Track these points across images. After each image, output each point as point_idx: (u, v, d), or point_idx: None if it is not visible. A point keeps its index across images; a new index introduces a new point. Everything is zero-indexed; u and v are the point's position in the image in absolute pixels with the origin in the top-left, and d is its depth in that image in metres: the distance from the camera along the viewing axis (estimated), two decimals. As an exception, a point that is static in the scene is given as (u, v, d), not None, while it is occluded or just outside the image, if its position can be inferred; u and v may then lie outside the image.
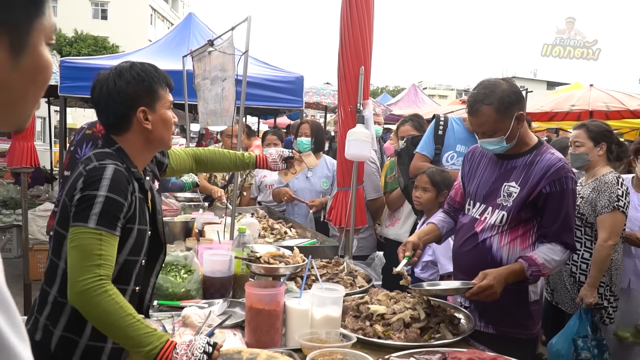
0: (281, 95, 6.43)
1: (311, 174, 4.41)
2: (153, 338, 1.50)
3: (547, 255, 2.17)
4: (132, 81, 1.69)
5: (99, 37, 31.91)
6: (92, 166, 1.63)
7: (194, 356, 1.48)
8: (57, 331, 1.64)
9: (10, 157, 5.45)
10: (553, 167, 2.19)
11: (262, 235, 3.54)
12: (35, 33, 0.72)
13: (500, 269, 2.15)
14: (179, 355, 1.49)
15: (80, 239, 1.54)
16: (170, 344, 1.52)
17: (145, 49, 7.40)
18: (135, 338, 1.50)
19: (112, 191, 1.58)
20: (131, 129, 1.72)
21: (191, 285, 2.28)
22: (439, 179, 3.19)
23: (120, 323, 1.50)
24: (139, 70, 1.72)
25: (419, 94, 16.48)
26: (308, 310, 1.91)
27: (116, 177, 1.61)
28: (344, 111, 3.36)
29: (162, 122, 1.76)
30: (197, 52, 4.39)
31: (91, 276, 1.50)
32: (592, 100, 7.93)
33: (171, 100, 1.81)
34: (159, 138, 1.77)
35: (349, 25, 3.22)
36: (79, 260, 1.53)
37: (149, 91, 1.72)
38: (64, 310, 1.64)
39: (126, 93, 1.68)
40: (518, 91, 2.25)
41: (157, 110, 1.74)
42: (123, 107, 1.69)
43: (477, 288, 2.07)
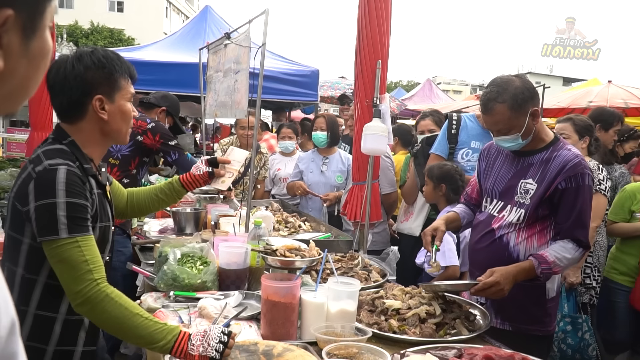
0: (296, 89, 6.44)
1: (326, 167, 4.40)
2: (165, 333, 1.50)
3: (559, 253, 2.16)
4: (91, 66, 1.59)
5: (115, 30, 32.16)
6: (42, 168, 1.51)
7: (210, 346, 1.48)
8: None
9: (29, 147, 5.51)
10: (570, 163, 2.18)
11: (277, 229, 3.55)
12: (47, 15, 0.66)
13: (509, 267, 2.13)
14: (195, 346, 1.49)
15: (60, 253, 1.47)
16: (184, 335, 1.51)
17: (161, 41, 7.45)
18: (147, 336, 1.49)
19: (70, 195, 1.50)
20: (85, 118, 1.63)
21: (207, 277, 2.29)
22: (437, 173, 3.26)
23: (129, 324, 1.48)
24: (100, 56, 1.62)
25: (434, 89, 16.40)
26: (324, 304, 1.91)
27: (70, 179, 1.51)
28: (360, 105, 3.35)
29: (120, 114, 1.67)
30: (214, 45, 4.40)
31: (87, 284, 1.47)
32: (610, 96, 7.84)
33: (132, 92, 1.72)
34: (115, 130, 1.68)
35: (367, 19, 3.20)
36: (69, 273, 1.48)
37: (109, 79, 1.62)
38: (26, 318, 1.56)
39: (83, 78, 1.58)
40: (531, 87, 2.23)
41: (116, 100, 1.65)
42: (78, 92, 1.59)
43: (482, 284, 2.08)
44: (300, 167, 4.51)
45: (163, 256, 2.40)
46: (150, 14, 38.33)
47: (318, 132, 4.38)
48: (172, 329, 1.52)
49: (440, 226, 2.38)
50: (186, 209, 3.58)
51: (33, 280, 1.57)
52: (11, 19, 0.61)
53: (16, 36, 0.63)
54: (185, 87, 6.04)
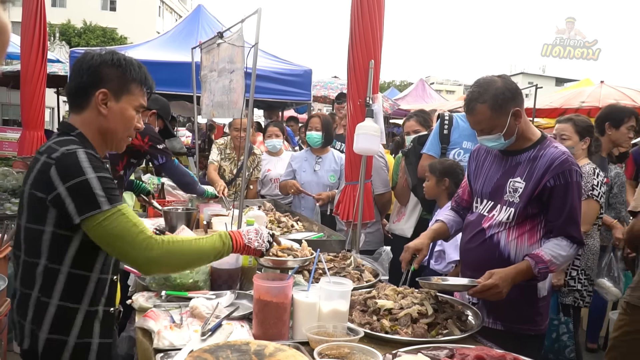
0: (289, 89, 6.42)
1: (319, 167, 4.40)
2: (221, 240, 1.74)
3: (554, 251, 2.16)
4: (108, 62, 1.66)
5: (108, 29, 32.00)
6: (59, 154, 1.54)
7: (264, 242, 1.85)
8: (42, 334, 1.58)
9: (21, 146, 5.48)
10: (557, 160, 2.19)
11: (269, 228, 3.55)
12: None
13: (508, 269, 2.14)
14: (252, 241, 1.81)
15: (109, 225, 1.51)
16: (233, 233, 1.79)
17: (154, 40, 7.42)
18: (211, 250, 1.71)
19: (97, 170, 1.54)
20: (87, 108, 1.67)
21: (199, 277, 2.28)
22: (439, 167, 3.25)
23: (194, 251, 1.66)
24: (121, 58, 1.69)
25: (427, 89, 16.44)
26: (316, 304, 1.91)
27: (89, 157, 1.55)
28: (353, 105, 3.35)
29: (121, 116, 1.69)
30: (206, 44, 4.39)
31: (145, 245, 1.54)
32: (602, 96, 7.89)
33: (142, 104, 1.75)
34: (112, 130, 1.70)
35: (360, 19, 3.20)
36: (126, 240, 1.52)
37: (120, 79, 1.67)
38: (48, 310, 1.58)
39: (96, 70, 1.65)
40: (513, 88, 2.24)
41: (122, 102, 1.69)
42: (87, 81, 1.65)
43: (481, 287, 2.08)
44: (293, 166, 4.50)
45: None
46: (143, 13, 38.16)
47: (313, 132, 4.37)
48: (224, 235, 1.76)
49: (424, 248, 2.36)
50: (178, 209, 3.57)
51: (56, 270, 1.57)
52: None
53: None
54: (178, 87, 6.01)
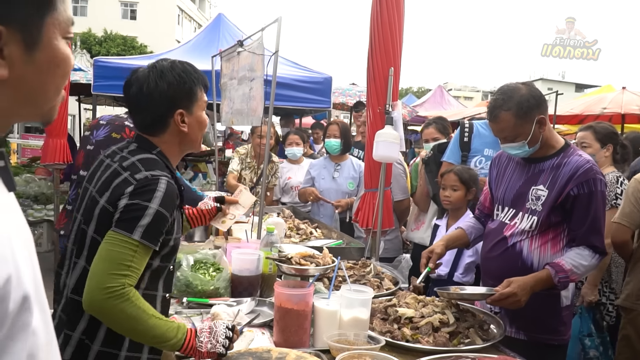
0: (309, 96, 6.44)
1: (338, 174, 4.41)
2: (175, 331, 1.53)
3: (575, 260, 2.14)
4: (173, 82, 1.66)
5: (128, 37, 32.50)
6: (143, 176, 1.57)
7: (218, 342, 1.54)
8: (94, 346, 1.57)
9: (44, 153, 5.58)
10: (581, 168, 2.16)
11: (288, 235, 3.56)
12: (48, 28, 0.73)
13: (527, 277, 2.12)
14: (203, 343, 1.54)
15: (116, 246, 1.50)
16: (191, 332, 1.56)
17: (175, 49, 7.52)
18: (160, 336, 1.51)
19: (163, 206, 1.55)
20: (167, 131, 1.70)
21: (220, 283, 2.30)
22: (467, 177, 3.18)
23: (145, 325, 1.50)
24: (181, 72, 1.69)
25: (445, 95, 16.35)
26: (336, 312, 1.91)
27: (169, 192, 1.57)
28: (372, 112, 3.35)
29: (198, 124, 1.74)
30: (227, 52, 4.43)
31: (117, 285, 1.47)
32: (624, 103, 7.77)
33: (206, 100, 1.79)
34: (192, 140, 1.76)
35: (379, 26, 3.21)
36: (108, 267, 1.48)
37: (189, 93, 1.70)
38: (102, 325, 1.57)
39: (167, 95, 1.66)
40: (538, 95, 2.23)
41: (194, 112, 1.72)
42: (162, 108, 1.67)
43: (498, 295, 2.07)
44: (312, 174, 4.51)
45: (176, 262, 2.40)
46: (162, 22, 38.68)
47: (332, 139, 4.38)
48: (181, 327, 1.56)
49: (437, 248, 2.38)
50: None
51: None
52: (4, 34, 0.68)
53: (17, 48, 0.71)
54: (198, 94, 6.05)
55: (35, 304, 0.66)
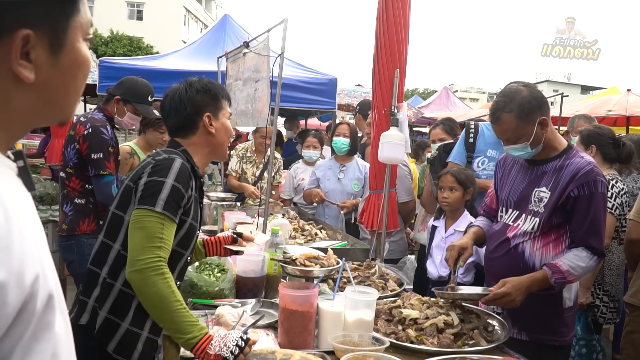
0: (314, 97, 6.45)
1: (343, 175, 4.41)
2: (195, 328, 1.60)
3: (572, 262, 2.14)
4: (200, 90, 1.90)
5: (134, 38, 32.59)
6: (162, 157, 1.78)
7: (226, 347, 1.58)
8: (102, 312, 1.71)
9: (50, 153, 5.61)
10: (582, 170, 2.17)
11: (293, 236, 3.56)
12: (72, 30, 0.74)
13: (522, 278, 2.13)
14: (213, 346, 1.59)
15: (145, 221, 1.65)
16: (209, 337, 1.61)
17: (181, 50, 7.54)
18: (180, 324, 1.60)
19: (178, 180, 1.72)
20: (197, 133, 1.90)
21: (225, 285, 2.30)
22: (464, 177, 3.18)
23: (170, 307, 1.60)
24: (207, 82, 1.94)
25: (451, 96, 16.34)
26: (341, 313, 1.91)
27: (182, 169, 1.75)
28: (378, 114, 3.36)
29: (224, 130, 1.95)
30: (232, 53, 4.45)
31: (152, 256, 1.61)
32: (629, 105, 7.75)
33: (230, 112, 1.99)
34: (219, 144, 1.95)
35: (385, 28, 3.21)
36: (142, 241, 1.63)
37: (215, 100, 1.92)
38: (112, 292, 1.72)
39: (195, 100, 1.89)
40: (539, 97, 2.23)
41: (220, 118, 1.94)
42: (191, 111, 1.88)
43: (492, 295, 2.09)
44: (317, 175, 4.52)
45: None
46: (168, 22, 38.80)
47: (341, 138, 4.37)
48: (202, 328, 1.63)
49: (469, 247, 2.39)
50: None
51: (125, 257, 1.69)
52: (32, 37, 0.69)
53: (43, 51, 0.71)
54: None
55: (57, 303, 0.68)
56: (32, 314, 0.63)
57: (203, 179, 2.09)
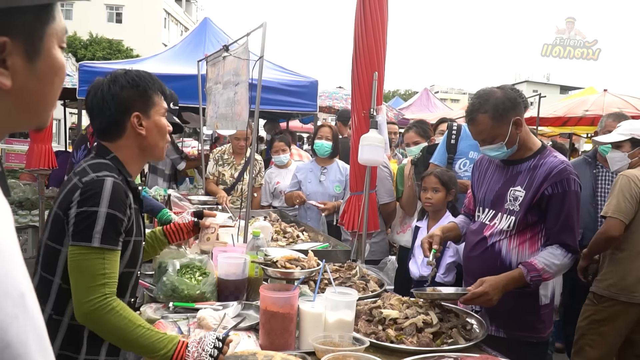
0: (295, 100, 6.46)
1: (324, 177, 4.43)
2: (165, 342, 1.56)
3: (547, 259, 2.20)
4: (126, 85, 1.68)
5: (114, 41, 32.27)
6: (89, 179, 1.58)
7: (204, 351, 1.56)
8: (54, 350, 1.60)
9: (29, 159, 5.55)
10: (555, 169, 2.23)
11: (275, 239, 3.57)
12: (48, 38, 0.75)
13: (499, 277, 2.18)
14: (191, 352, 1.56)
15: (84, 260, 1.52)
16: (183, 344, 1.58)
17: (162, 53, 7.50)
18: (149, 346, 1.55)
19: (112, 206, 1.56)
20: (124, 135, 1.70)
21: (206, 288, 2.31)
22: (447, 178, 3.25)
23: (132, 335, 1.53)
24: (134, 76, 1.71)
25: (431, 98, 16.47)
26: (321, 314, 1.93)
27: (115, 190, 1.57)
28: (357, 116, 3.39)
29: (157, 129, 1.74)
30: (212, 57, 4.45)
31: (98, 296, 1.51)
32: (606, 105, 7.90)
33: (165, 107, 1.78)
34: (152, 145, 1.75)
35: (363, 32, 3.25)
36: (85, 282, 1.52)
37: (143, 96, 1.70)
38: (60, 328, 1.60)
39: (120, 97, 1.66)
40: (513, 97, 2.29)
41: (152, 116, 1.72)
42: (116, 111, 1.67)
43: (470, 294, 2.13)
44: (298, 177, 4.53)
45: (162, 267, 2.42)
46: (148, 25, 38.50)
47: (323, 141, 4.39)
48: (172, 338, 1.58)
49: (434, 235, 2.45)
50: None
51: (69, 290, 1.58)
52: (9, 45, 0.69)
53: (19, 59, 0.72)
54: (185, 98, 6.04)
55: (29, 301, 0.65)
56: None
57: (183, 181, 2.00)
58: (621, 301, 3.03)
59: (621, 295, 3.03)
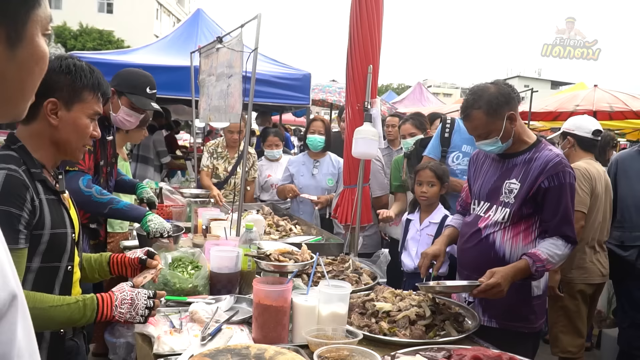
0: (288, 93, 6.45)
1: (317, 171, 4.42)
2: (82, 311, 1.55)
3: (550, 250, 2.23)
4: (56, 70, 1.58)
5: (104, 31, 31.95)
6: None
7: (137, 314, 1.61)
8: None
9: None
10: (551, 162, 2.26)
11: (268, 232, 3.56)
12: (32, 24, 0.72)
13: (507, 268, 2.19)
14: (123, 314, 1.60)
15: None
16: (104, 302, 1.58)
17: (153, 44, 7.44)
18: (67, 321, 1.55)
19: (4, 201, 1.45)
20: (37, 119, 1.59)
21: (198, 281, 2.30)
22: (441, 172, 3.28)
23: (45, 319, 1.49)
24: (70, 64, 1.61)
25: (424, 92, 16.49)
26: (315, 307, 1.93)
27: (8, 183, 1.46)
28: (351, 109, 3.38)
29: (73, 126, 1.62)
30: (205, 48, 4.41)
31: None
32: (596, 100, 7.96)
33: (97, 111, 1.68)
34: (64, 140, 1.63)
35: (359, 25, 3.23)
36: None
37: (71, 86, 1.60)
38: None
39: (45, 78, 1.57)
40: (506, 92, 2.32)
41: (73, 110, 1.62)
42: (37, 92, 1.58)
43: (484, 286, 2.12)
44: (290, 171, 4.52)
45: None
46: (140, 16, 38.13)
47: (316, 136, 4.39)
48: (88, 304, 1.57)
49: (442, 255, 2.48)
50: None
51: None
52: None
53: (0, 45, 0.68)
54: (177, 91, 6.04)
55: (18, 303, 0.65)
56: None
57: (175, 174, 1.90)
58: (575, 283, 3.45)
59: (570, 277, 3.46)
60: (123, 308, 1.58)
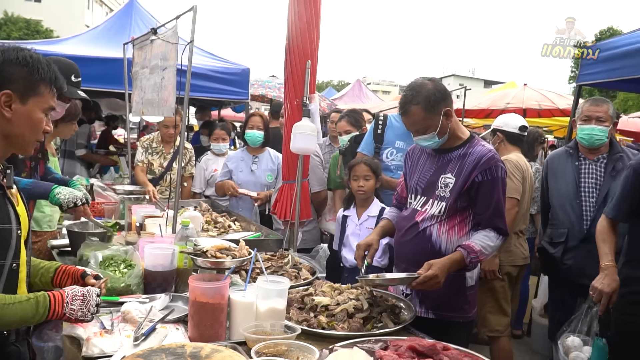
0: (227, 87, 6.35)
1: (256, 166, 4.38)
2: (35, 309, 1.53)
3: (483, 242, 2.31)
4: (12, 61, 1.51)
5: (32, 20, 30.25)
6: None
7: (89, 312, 1.62)
8: None
9: None
10: (484, 157, 2.34)
11: (205, 229, 3.50)
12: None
13: (443, 259, 2.25)
14: (74, 311, 1.59)
15: None
16: (56, 300, 1.56)
17: (83, 34, 7.11)
18: (20, 321, 1.52)
19: None
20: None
21: (131, 280, 2.22)
22: (375, 166, 3.35)
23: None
24: (27, 55, 1.54)
25: (363, 89, 16.70)
26: (253, 303, 1.91)
27: None
28: (290, 105, 3.37)
29: (28, 120, 1.56)
30: (139, 40, 4.26)
31: None
32: (525, 98, 8.34)
33: (52, 106, 1.62)
34: (17, 134, 1.56)
35: (296, 20, 3.22)
36: None
37: (27, 79, 1.53)
38: None
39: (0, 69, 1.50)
40: (443, 89, 2.38)
41: (28, 104, 1.55)
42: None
43: (423, 278, 2.16)
44: (229, 167, 4.46)
45: (84, 260, 2.30)
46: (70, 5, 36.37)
47: (255, 131, 4.34)
48: (40, 302, 1.54)
49: (374, 243, 2.49)
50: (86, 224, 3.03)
51: None
52: None
53: None
54: (108, 83, 5.80)
55: None
56: None
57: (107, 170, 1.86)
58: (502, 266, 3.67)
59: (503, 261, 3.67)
60: (74, 305, 1.57)
